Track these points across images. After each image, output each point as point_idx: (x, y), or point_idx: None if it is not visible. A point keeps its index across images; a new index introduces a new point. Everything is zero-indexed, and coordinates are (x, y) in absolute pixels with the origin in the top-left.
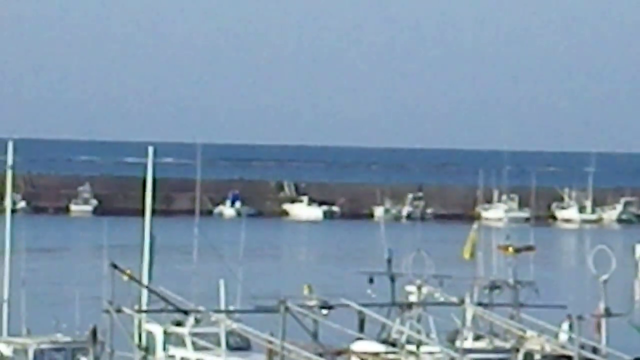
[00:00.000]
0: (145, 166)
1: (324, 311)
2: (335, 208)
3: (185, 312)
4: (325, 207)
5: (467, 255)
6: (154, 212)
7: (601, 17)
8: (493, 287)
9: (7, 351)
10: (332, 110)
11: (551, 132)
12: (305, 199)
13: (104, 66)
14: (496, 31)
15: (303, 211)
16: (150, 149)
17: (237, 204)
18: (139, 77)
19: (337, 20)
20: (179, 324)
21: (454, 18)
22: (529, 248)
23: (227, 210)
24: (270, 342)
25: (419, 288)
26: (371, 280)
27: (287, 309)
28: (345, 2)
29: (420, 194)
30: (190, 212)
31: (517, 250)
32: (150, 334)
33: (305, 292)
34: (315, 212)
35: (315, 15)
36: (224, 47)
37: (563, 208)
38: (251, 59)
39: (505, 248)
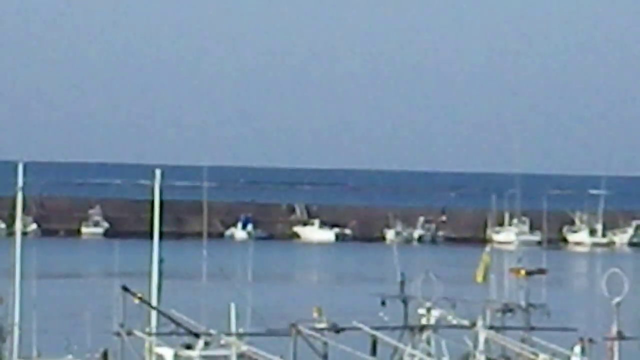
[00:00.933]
0: (153, 189)
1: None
2: (347, 231)
3: (196, 335)
4: (337, 230)
5: (479, 279)
6: (164, 235)
7: (609, 39)
8: (505, 310)
9: None
10: (342, 132)
11: (562, 155)
12: (316, 221)
13: (113, 89)
14: (502, 53)
15: (315, 234)
16: (158, 172)
17: (249, 227)
18: (150, 100)
19: (345, 42)
20: (189, 347)
21: (459, 39)
22: (541, 271)
23: (239, 233)
24: None
25: (429, 310)
26: (383, 303)
27: (298, 332)
28: (354, 25)
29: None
30: (201, 234)
31: (529, 273)
32: (160, 357)
33: (315, 314)
34: (327, 235)
35: (323, 37)
36: (233, 69)
37: (574, 231)
38: (262, 81)
39: (517, 271)
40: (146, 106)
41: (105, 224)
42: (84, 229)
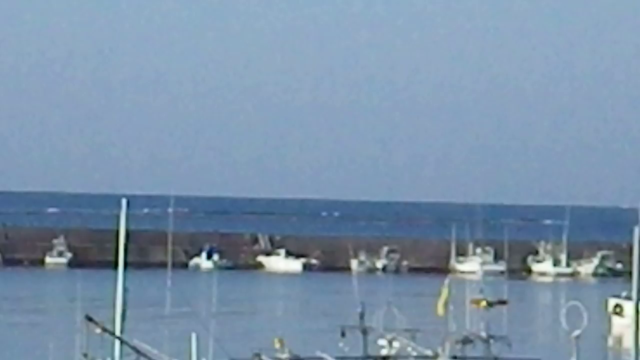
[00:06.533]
0: (118, 218)
1: None
2: (313, 260)
3: None
4: (304, 260)
5: (440, 311)
6: (128, 264)
7: (573, 68)
8: (465, 341)
9: None
10: (303, 162)
11: (524, 186)
12: (282, 251)
13: (73, 118)
14: (456, 80)
15: (281, 263)
16: (124, 201)
17: (215, 257)
18: (111, 128)
19: (302, 71)
20: None
21: (411, 70)
22: (502, 302)
23: (204, 262)
24: None
25: (390, 342)
26: (343, 334)
27: None
28: (315, 50)
29: (393, 247)
30: (165, 264)
31: (490, 304)
32: None
33: (277, 345)
34: (295, 265)
35: (283, 67)
36: (199, 98)
37: (538, 261)
38: (225, 111)
39: (478, 302)
40: (109, 135)
41: (69, 254)
42: (47, 259)
